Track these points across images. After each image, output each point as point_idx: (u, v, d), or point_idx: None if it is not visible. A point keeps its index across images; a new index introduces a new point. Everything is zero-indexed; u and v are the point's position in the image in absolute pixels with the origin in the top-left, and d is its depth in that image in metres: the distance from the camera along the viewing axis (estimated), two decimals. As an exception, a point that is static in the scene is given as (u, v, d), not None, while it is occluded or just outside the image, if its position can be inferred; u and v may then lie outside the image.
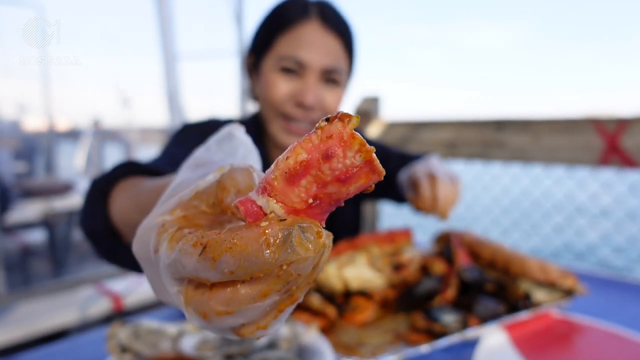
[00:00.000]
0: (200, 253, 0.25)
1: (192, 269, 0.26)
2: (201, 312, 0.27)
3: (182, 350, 0.67)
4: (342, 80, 1.13)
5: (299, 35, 1.07)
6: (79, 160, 4.30)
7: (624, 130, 1.76)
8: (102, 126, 4.15)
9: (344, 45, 1.11)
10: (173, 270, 0.27)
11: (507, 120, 2.14)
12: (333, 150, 0.25)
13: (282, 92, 1.08)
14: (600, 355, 0.79)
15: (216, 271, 0.25)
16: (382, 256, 0.96)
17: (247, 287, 0.25)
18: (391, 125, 2.63)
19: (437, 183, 0.99)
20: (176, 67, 3.62)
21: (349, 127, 0.25)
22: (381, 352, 0.79)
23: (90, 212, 0.70)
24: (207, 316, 0.26)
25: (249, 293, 0.25)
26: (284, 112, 1.09)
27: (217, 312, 0.26)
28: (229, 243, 0.24)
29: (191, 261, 0.25)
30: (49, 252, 3.33)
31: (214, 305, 0.26)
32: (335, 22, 1.10)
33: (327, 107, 1.12)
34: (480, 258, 1.11)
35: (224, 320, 0.26)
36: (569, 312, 0.97)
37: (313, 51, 1.07)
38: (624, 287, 1.11)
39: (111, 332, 0.73)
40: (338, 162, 0.25)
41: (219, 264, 0.24)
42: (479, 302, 0.89)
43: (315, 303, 0.91)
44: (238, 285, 0.25)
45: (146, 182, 0.60)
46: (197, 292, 0.27)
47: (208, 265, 0.25)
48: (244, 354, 0.68)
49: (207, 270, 0.25)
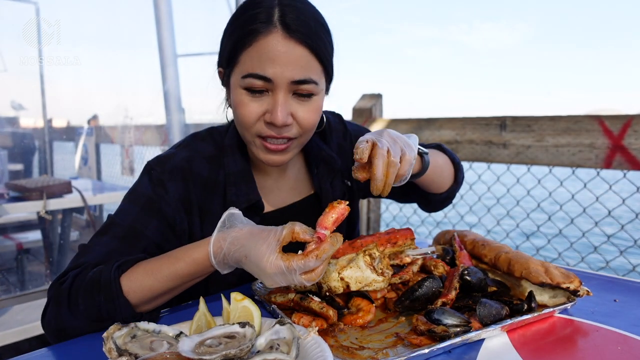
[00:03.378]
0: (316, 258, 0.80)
1: (313, 264, 0.80)
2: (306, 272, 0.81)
3: (181, 352, 0.65)
4: (316, 91, 1.05)
5: (263, 50, 0.99)
6: (75, 160, 4.28)
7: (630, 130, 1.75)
8: (98, 124, 4.13)
9: (312, 53, 1.02)
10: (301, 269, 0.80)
11: (511, 117, 2.13)
12: (344, 213, 0.87)
13: (251, 114, 1.03)
14: (604, 358, 0.77)
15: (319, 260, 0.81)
16: (383, 257, 0.94)
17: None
18: (394, 123, 2.62)
19: (374, 156, 0.90)
20: (174, 67, 3.60)
21: (344, 203, 0.87)
22: (382, 354, 0.78)
23: (112, 309, 0.90)
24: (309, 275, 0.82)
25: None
26: (259, 131, 1.05)
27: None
28: (322, 251, 0.81)
29: (314, 262, 0.80)
30: (45, 252, 3.30)
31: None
32: (300, 29, 1.00)
33: (302, 122, 1.06)
34: (483, 259, 1.10)
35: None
36: (572, 314, 0.95)
37: (278, 65, 0.99)
38: (628, 289, 1.10)
39: (107, 335, 0.72)
40: (344, 215, 0.87)
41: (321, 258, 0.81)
42: (481, 304, 0.88)
43: (316, 305, 0.89)
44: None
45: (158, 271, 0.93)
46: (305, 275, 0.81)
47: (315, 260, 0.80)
48: (242, 356, 0.67)
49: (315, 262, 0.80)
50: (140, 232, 1.04)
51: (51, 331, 0.93)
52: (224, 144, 1.20)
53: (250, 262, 0.84)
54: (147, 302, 0.94)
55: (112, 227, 1.04)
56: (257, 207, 1.17)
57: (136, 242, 1.03)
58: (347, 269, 0.90)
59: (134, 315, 0.92)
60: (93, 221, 3.62)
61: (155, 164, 1.12)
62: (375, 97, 2.79)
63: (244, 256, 0.84)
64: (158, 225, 1.07)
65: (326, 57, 1.08)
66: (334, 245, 0.82)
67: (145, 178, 1.11)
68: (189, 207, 1.13)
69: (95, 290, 0.90)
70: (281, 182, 1.27)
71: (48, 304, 0.95)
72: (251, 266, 0.84)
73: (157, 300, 0.95)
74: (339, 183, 1.35)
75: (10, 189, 2.81)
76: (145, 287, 0.92)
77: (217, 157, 1.18)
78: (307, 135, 1.12)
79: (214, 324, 0.81)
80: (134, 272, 0.93)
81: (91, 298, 0.89)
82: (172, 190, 1.10)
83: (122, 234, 1.03)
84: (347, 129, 1.43)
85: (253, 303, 0.82)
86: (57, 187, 2.87)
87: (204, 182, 1.15)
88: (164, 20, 3.50)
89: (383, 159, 0.89)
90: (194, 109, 3.79)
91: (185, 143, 1.20)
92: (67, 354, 0.84)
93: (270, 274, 0.81)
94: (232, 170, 1.17)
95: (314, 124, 1.10)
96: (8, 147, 3.33)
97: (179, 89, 3.65)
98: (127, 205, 1.08)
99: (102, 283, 0.90)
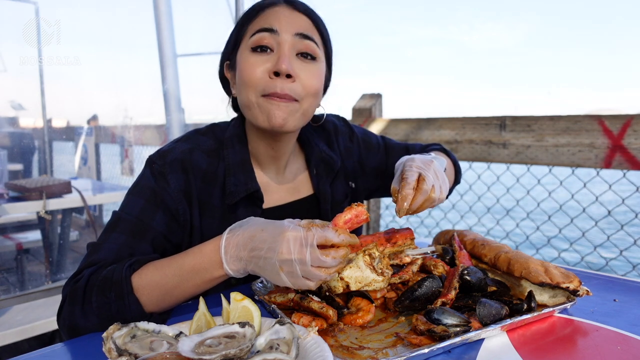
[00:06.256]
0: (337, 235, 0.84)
1: (332, 236, 0.83)
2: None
3: (180, 352, 0.65)
4: (317, 54, 1.11)
5: (269, 14, 1.09)
6: (75, 160, 4.27)
7: (629, 130, 1.75)
8: (97, 124, 4.12)
9: (313, 23, 1.12)
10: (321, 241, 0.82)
11: (511, 116, 2.12)
12: (359, 214, 0.89)
13: (257, 69, 1.06)
14: (604, 357, 0.77)
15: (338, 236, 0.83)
16: (383, 257, 0.94)
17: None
18: (393, 123, 2.62)
19: (419, 190, 0.98)
20: (173, 67, 3.60)
21: (363, 207, 0.89)
22: (382, 354, 0.78)
23: (121, 307, 0.90)
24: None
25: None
26: (264, 89, 1.06)
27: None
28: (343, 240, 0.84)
29: (335, 235, 0.83)
30: (44, 252, 3.30)
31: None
32: (302, 5, 1.13)
33: (305, 83, 1.08)
34: (482, 259, 1.10)
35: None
36: (572, 314, 0.95)
37: (283, 21, 1.08)
38: (628, 289, 1.10)
39: (107, 335, 0.72)
40: (359, 218, 0.89)
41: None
42: (481, 303, 0.88)
43: (315, 305, 0.89)
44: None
45: (166, 271, 0.94)
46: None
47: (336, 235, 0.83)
48: (242, 356, 0.67)
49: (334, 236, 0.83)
50: (148, 224, 1.05)
51: (65, 329, 0.93)
52: (224, 138, 1.22)
53: (264, 241, 0.83)
54: (156, 301, 0.93)
55: (119, 222, 1.05)
56: (256, 198, 1.17)
57: (144, 234, 1.04)
58: (347, 268, 0.90)
59: (143, 315, 0.92)
60: (93, 221, 3.62)
61: (156, 158, 1.13)
62: (375, 96, 2.78)
63: (260, 229, 0.84)
64: (163, 217, 1.08)
65: (326, 35, 1.16)
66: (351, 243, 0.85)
67: (148, 171, 1.12)
68: (190, 198, 1.13)
69: (107, 288, 0.91)
70: (280, 179, 1.27)
71: (63, 302, 0.95)
72: (264, 247, 0.83)
73: (166, 300, 0.94)
74: (342, 184, 1.35)
75: (10, 189, 2.81)
76: (153, 283, 0.92)
77: (216, 151, 1.19)
78: (308, 102, 1.12)
79: (214, 324, 0.81)
80: (144, 269, 0.94)
81: (103, 296, 0.91)
82: (173, 181, 1.10)
83: (130, 228, 1.04)
84: (354, 131, 1.45)
85: (253, 303, 0.82)
86: (56, 187, 2.87)
87: (203, 174, 1.15)
88: (164, 20, 3.50)
89: (425, 194, 0.99)
90: (194, 109, 3.79)
91: (185, 137, 1.21)
92: (67, 353, 0.84)
93: (284, 253, 0.80)
94: (232, 161, 1.17)
95: (316, 89, 1.12)
96: (8, 147, 3.33)
97: (178, 89, 3.64)
98: (131, 199, 1.09)
99: (114, 281, 0.91)
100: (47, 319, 2.27)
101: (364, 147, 1.44)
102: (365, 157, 1.44)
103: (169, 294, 0.93)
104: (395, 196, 1.00)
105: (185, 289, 0.93)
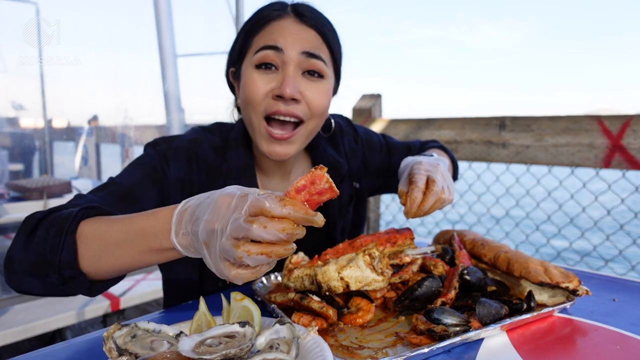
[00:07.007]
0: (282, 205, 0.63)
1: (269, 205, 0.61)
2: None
3: (181, 352, 0.65)
4: (325, 72, 1.08)
5: (275, 29, 1.05)
6: (75, 160, 4.28)
7: (628, 130, 1.76)
8: (98, 124, 4.13)
9: (322, 38, 1.08)
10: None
11: (510, 116, 2.13)
12: (315, 180, 0.65)
13: (260, 89, 1.04)
14: (604, 357, 0.78)
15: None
16: (383, 257, 0.95)
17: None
18: (393, 123, 2.62)
19: (430, 192, 0.98)
20: (174, 67, 3.61)
21: (323, 171, 0.65)
22: (382, 354, 0.78)
23: (55, 245, 0.79)
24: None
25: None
26: (266, 109, 1.05)
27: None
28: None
29: (277, 205, 0.61)
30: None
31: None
32: (311, 18, 1.07)
33: (311, 102, 1.06)
34: (482, 259, 1.10)
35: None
36: (571, 314, 0.96)
37: (289, 38, 1.03)
38: (627, 289, 1.10)
39: (107, 334, 0.72)
40: (317, 186, 0.66)
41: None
42: (481, 303, 0.88)
43: (315, 304, 0.89)
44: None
45: (114, 224, 0.81)
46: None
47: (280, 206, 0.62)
48: (242, 356, 0.67)
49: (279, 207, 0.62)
50: (138, 196, 1.00)
51: (4, 258, 0.85)
52: (229, 138, 1.21)
53: (204, 209, 0.67)
54: (93, 255, 0.80)
55: (111, 185, 0.99)
56: None
57: (131, 204, 0.98)
58: (347, 268, 0.91)
59: (72, 266, 0.80)
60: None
61: (162, 141, 1.12)
62: (374, 97, 2.78)
63: (207, 196, 0.69)
64: (156, 196, 1.05)
65: (336, 49, 1.12)
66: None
67: (152, 150, 1.10)
68: (188, 189, 1.11)
69: (54, 223, 0.82)
70: (285, 185, 1.26)
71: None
72: (201, 216, 0.67)
73: (103, 258, 0.80)
74: (347, 186, 1.35)
75: (10, 189, 2.82)
76: (97, 233, 0.80)
77: (222, 148, 1.19)
78: (315, 122, 1.11)
79: (214, 324, 0.82)
80: (97, 218, 0.83)
81: (46, 230, 0.81)
82: (174, 168, 1.09)
83: (120, 193, 0.98)
84: (358, 132, 1.46)
85: (253, 302, 0.82)
86: (57, 187, 2.88)
87: (208, 168, 1.14)
88: (164, 20, 3.50)
89: (436, 196, 0.99)
90: (194, 109, 3.80)
91: (192, 130, 1.21)
92: (67, 353, 0.84)
93: (209, 221, 0.64)
94: (235, 164, 1.16)
95: (323, 109, 1.10)
96: (8, 147, 3.33)
97: (178, 89, 3.65)
98: (131, 169, 1.05)
99: (63, 217, 0.82)
100: (48, 319, 2.27)
101: (367, 147, 1.45)
102: (368, 157, 1.44)
103: (108, 250, 0.80)
104: (404, 198, 1.00)
105: (127, 252, 0.79)
